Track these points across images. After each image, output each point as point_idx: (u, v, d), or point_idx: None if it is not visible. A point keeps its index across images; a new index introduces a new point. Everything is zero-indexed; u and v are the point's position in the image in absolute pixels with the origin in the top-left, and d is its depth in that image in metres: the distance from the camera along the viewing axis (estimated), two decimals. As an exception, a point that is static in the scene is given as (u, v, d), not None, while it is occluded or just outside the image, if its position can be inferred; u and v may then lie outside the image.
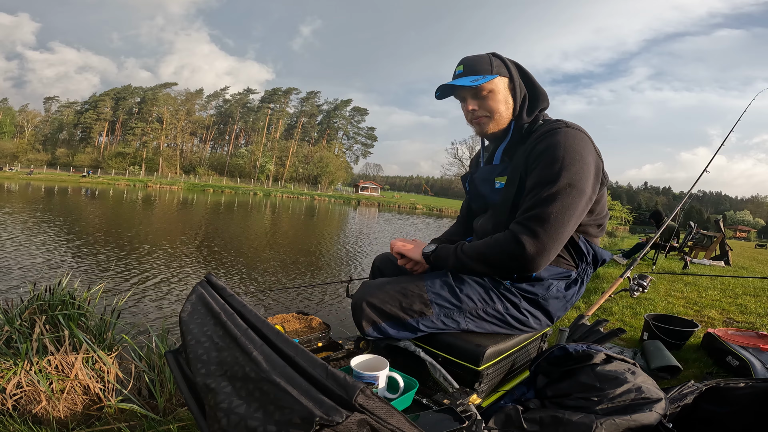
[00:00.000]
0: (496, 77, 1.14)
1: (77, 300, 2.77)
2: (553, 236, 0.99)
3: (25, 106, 70.88)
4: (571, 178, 0.99)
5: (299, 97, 73.81)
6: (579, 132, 1.06)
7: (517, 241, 1.00)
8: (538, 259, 1.00)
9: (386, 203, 53.25)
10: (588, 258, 1.16)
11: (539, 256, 1.00)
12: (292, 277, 7.17)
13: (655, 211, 7.49)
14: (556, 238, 1.00)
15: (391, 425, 0.53)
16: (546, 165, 1.02)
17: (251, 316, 0.73)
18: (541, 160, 1.03)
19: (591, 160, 1.04)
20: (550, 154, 1.02)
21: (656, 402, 0.94)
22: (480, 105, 1.17)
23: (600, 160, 1.08)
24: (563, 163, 1.00)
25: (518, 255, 1.00)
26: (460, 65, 1.16)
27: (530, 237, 0.99)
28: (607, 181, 1.13)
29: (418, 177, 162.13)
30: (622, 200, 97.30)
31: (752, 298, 3.96)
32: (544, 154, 1.03)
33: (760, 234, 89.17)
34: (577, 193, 0.99)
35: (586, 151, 1.03)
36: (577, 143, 1.03)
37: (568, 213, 0.99)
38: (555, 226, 0.99)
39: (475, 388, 1.03)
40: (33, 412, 1.86)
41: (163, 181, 48.34)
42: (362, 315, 1.10)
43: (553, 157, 1.01)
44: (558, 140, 1.03)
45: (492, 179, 1.20)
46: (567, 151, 1.01)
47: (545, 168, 1.02)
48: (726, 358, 2.11)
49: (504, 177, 1.16)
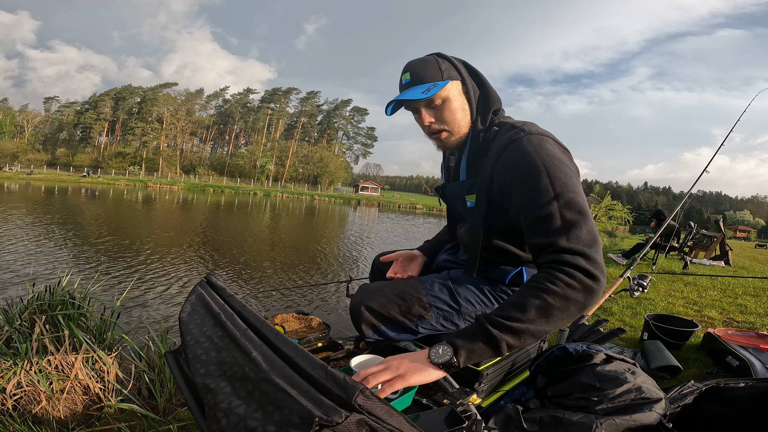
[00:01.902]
0: (449, 82, 1.01)
1: (77, 300, 2.77)
2: (598, 250, 0.86)
3: (25, 106, 71.14)
4: (568, 187, 0.89)
5: (299, 97, 74.01)
6: (543, 137, 0.96)
7: (578, 269, 0.83)
8: (603, 279, 0.85)
9: (386, 203, 53.25)
10: None
11: (602, 274, 0.85)
12: (292, 277, 7.17)
13: (657, 211, 7.49)
14: (600, 249, 0.87)
15: (391, 425, 0.53)
16: (532, 182, 0.90)
17: (251, 316, 0.73)
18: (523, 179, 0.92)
19: (568, 162, 0.96)
20: (529, 170, 0.91)
21: (656, 402, 0.94)
22: (436, 116, 1.04)
23: (572, 159, 1.00)
24: (550, 175, 0.90)
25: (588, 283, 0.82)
26: (405, 72, 1.03)
27: (585, 260, 0.83)
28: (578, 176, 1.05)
29: (419, 177, 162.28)
30: (622, 200, 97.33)
31: (752, 298, 3.96)
32: (521, 171, 0.93)
33: (760, 234, 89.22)
34: (582, 201, 0.91)
35: (562, 156, 0.95)
36: (548, 150, 0.93)
37: (591, 223, 0.89)
38: (593, 240, 0.86)
39: (475, 388, 1.03)
40: (33, 412, 1.86)
41: (163, 181, 48.35)
42: (361, 319, 1.09)
43: (536, 172, 0.90)
44: (526, 151, 0.93)
45: (462, 197, 1.12)
46: (545, 160, 0.91)
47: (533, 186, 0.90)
48: (726, 358, 2.11)
49: (473, 195, 1.07)
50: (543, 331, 0.83)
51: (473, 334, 0.84)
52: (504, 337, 0.81)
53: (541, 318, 0.82)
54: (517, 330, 0.81)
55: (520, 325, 0.81)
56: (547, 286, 0.82)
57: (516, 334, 0.82)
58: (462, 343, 0.82)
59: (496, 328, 0.82)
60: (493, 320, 0.83)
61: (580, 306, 0.83)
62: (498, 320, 0.82)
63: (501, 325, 0.82)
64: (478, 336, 0.83)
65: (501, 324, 0.82)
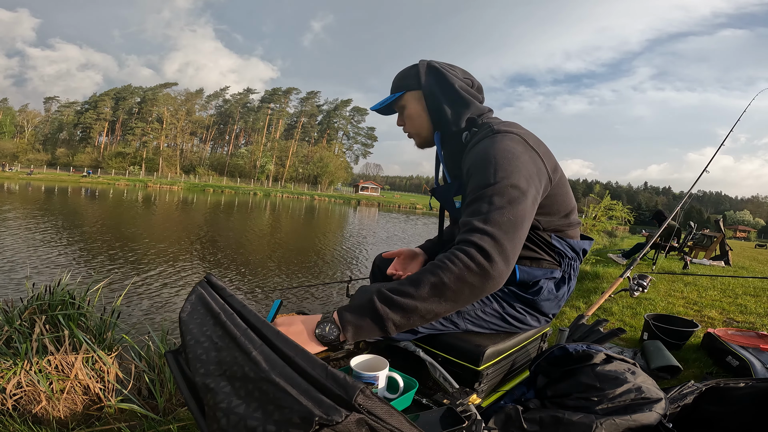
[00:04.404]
0: (404, 93, 1.15)
1: (77, 300, 2.77)
2: (513, 239, 0.87)
3: (25, 105, 71.22)
4: (509, 177, 0.92)
5: (299, 97, 74.06)
6: (508, 134, 1.00)
7: (480, 250, 0.83)
8: (505, 268, 0.85)
9: (386, 203, 53.26)
10: (568, 253, 1.15)
11: (506, 263, 0.85)
12: (292, 277, 7.17)
13: (658, 211, 7.50)
14: (516, 240, 0.88)
15: (391, 425, 0.53)
16: (480, 170, 0.95)
17: (251, 316, 0.73)
18: (475, 168, 0.98)
19: (526, 158, 0.97)
20: (481, 159, 0.97)
21: (656, 402, 0.94)
22: (403, 122, 1.20)
23: (540, 157, 1.01)
24: (497, 165, 0.93)
25: (486, 266, 0.82)
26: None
27: (492, 243, 0.84)
28: (556, 177, 1.05)
29: (419, 177, 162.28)
30: (622, 200, 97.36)
31: (752, 298, 3.96)
32: (475, 161, 0.99)
33: (760, 234, 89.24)
34: (520, 193, 0.92)
35: (519, 150, 0.98)
36: (506, 144, 0.98)
37: (519, 214, 0.90)
38: (512, 228, 0.87)
39: (475, 388, 1.03)
40: (33, 412, 1.86)
41: (163, 181, 48.37)
42: None
43: (486, 161, 0.95)
44: (487, 144, 0.99)
45: (451, 199, 1.17)
46: (498, 151, 0.96)
47: (480, 173, 0.95)
48: (726, 358, 2.11)
49: (459, 196, 1.12)
50: (433, 311, 0.82)
51: (362, 308, 0.83)
52: (391, 316, 0.80)
53: (434, 297, 0.81)
54: (406, 307, 0.80)
55: (410, 302, 0.80)
56: (446, 264, 0.82)
57: (405, 312, 0.81)
58: (351, 319, 0.82)
59: (385, 304, 0.81)
60: (383, 295, 0.82)
61: (475, 290, 0.82)
62: (389, 296, 0.82)
63: (390, 301, 0.81)
64: (367, 312, 0.82)
65: (390, 300, 0.81)
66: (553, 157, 1.07)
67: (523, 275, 1.11)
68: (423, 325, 0.89)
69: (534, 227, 1.08)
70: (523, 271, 1.11)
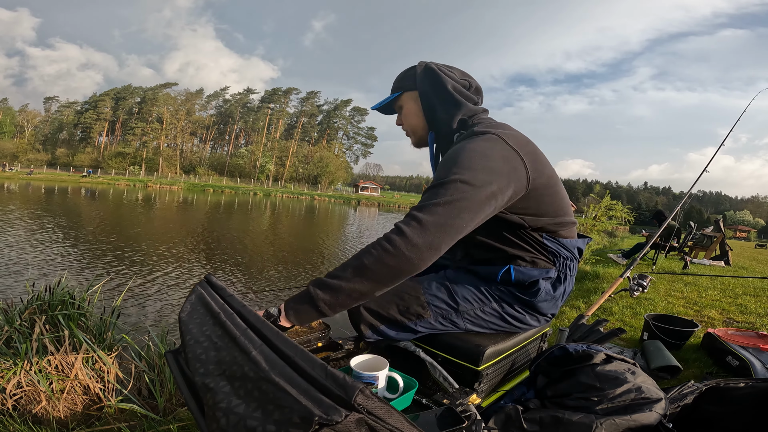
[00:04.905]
0: (402, 93, 1.20)
1: (77, 300, 2.77)
2: (443, 225, 0.88)
3: (25, 105, 71.18)
4: (462, 173, 0.92)
5: (299, 97, 74.01)
6: (485, 134, 1.01)
7: (399, 233, 0.87)
8: (427, 252, 0.87)
9: (386, 203, 53.25)
10: (562, 252, 1.15)
11: (429, 247, 0.87)
12: (292, 276, 7.17)
13: (658, 211, 7.49)
14: (447, 227, 0.88)
15: (391, 425, 0.53)
16: (440, 169, 0.98)
17: (250, 316, 0.73)
18: (439, 167, 1.00)
19: (497, 157, 0.97)
20: (447, 159, 0.99)
21: (656, 402, 0.94)
22: (401, 121, 1.25)
23: (520, 158, 0.99)
24: (458, 163, 0.94)
25: (402, 248, 0.86)
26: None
27: (416, 226, 0.87)
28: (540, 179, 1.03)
29: (419, 177, 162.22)
30: (622, 200, 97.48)
31: (752, 298, 3.96)
32: (443, 161, 1.01)
33: (760, 234, 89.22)
34: (469, 187, 0.91)
35: (491, 149, 0.97)
36: (477, 144, 0.98)
37: (461, 204, 0.90)
38: (445, 215, 0.88)
39: (474, 388, 1.03)
40: (33, 412, 1.86)
41: (163, 181, 48.38)
42: (360, 319, 1.10)
43: (449, 160, 0.97)
44: (459, 146, 1.00)
45: None
46: (464, 151, 0.96)
47: (439, 171, 0.98)
48: (726, 358, 2.11)
49: None
50: (358, 290, 0.88)
51: (302, 294, 0.91)
52: (321, 296, 0.88)
53: (356, 277, 0.87)
54: (333, 287, 0.88)
55: (336, 282, 0.88)
56: (368, 248, 0.89)
57: (333, 291, 0.88)
58: (292, 304, 0.91)
59: (317, 287, 0.89)
60: (317, 280, 0.90)
61: (393, 271, 0.87)
62: (321, 279, 0.90)
63: (321, 283, 0.89)
64: (304, 296, 0.90)
65: (321, 282, 0.89)
66: (541, 160, 1.05)
67: (518, 275, 1.11)
68: (354, 304, 0.92)
69: (520, 226, 1.08)
70: (518, 272, 1.11)
